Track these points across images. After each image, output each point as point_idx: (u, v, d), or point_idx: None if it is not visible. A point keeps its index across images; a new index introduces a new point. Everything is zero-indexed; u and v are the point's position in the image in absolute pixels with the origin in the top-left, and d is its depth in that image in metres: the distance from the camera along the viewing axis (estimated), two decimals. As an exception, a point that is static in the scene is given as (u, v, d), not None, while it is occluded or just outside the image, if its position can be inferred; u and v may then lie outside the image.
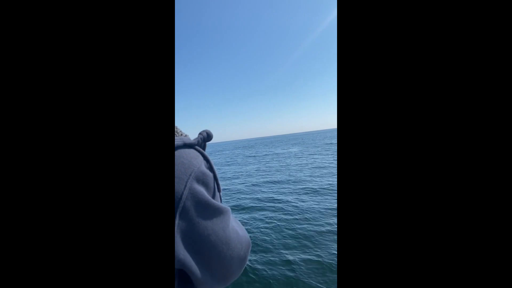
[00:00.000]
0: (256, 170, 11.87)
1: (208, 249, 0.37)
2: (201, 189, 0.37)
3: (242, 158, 20.56)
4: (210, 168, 0.42)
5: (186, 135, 0.45)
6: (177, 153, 0.38)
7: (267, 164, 13.82)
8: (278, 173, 10.37)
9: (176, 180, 0.35)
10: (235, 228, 0.42)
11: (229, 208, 0.42)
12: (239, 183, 8.92)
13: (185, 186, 0.35)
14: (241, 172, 11.91)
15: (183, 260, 0.35)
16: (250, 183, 8.64)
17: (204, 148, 0.46)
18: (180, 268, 0.36)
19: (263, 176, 9.85)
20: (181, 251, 0.34)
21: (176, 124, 0.48)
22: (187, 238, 0.35)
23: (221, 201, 0.44)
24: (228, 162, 18.38)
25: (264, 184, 8.27)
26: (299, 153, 18.60)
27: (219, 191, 0.42)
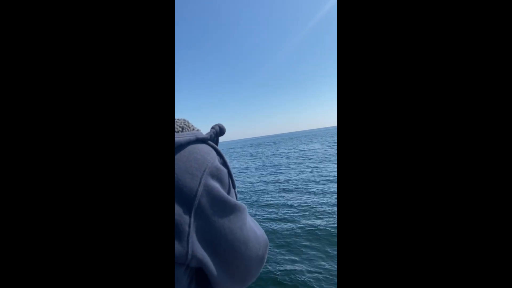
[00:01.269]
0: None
1: (225, 249, 0.35)
2: (216, 185, 0.36)
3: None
4: (224, 163, 0.40)
5: (198, 130, 0.44)
6: (190, 148, 0.37)
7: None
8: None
9: (190, 176, 0.34)
10: (252, 227, 0.41)
11: (245, 206, 0.40)
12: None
13: (200, 182, 0.34)
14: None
15: (202, 260, 0.33)
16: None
17: (217, 143, 0.44)
18: (198, 267, 0.35)
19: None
20: (199, 250, 0.33)
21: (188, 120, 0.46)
22: (204, 237, 0.34)
23: (236, 198, 0.42)
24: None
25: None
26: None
27: (234, 187, 0.41)
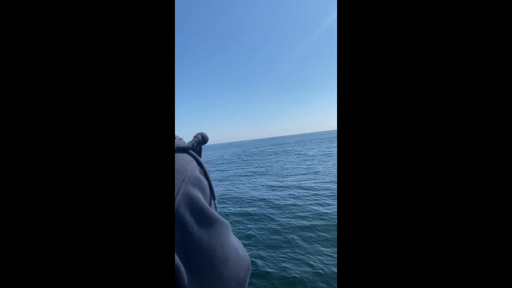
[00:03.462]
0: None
1: (201, 264, 0.33)
2: (197, 195, 0.35)
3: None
4: (205, 174, 0.39)
5: (180, 138, 0.43)
6: None
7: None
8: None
9: None
10: (235, 245, 0.38)
11: (228, 222, 0.39)
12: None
13: (178, 191, 0.33)
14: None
15: (175, 269, 0.32)
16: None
17: (199, 152, 0.43)
18: None
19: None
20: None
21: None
22: (179, 248, 0.33)
23: (216, 210, 0.41)
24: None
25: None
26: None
27: (214, 199, 0.40)
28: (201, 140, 0.42)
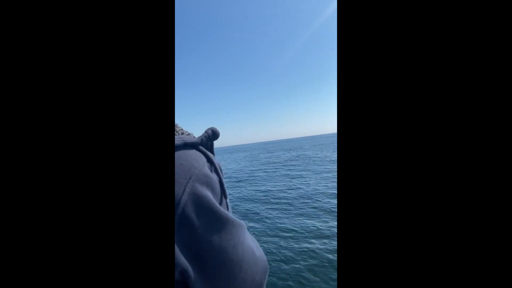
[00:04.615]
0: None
1: (213, 267, 0.31)
2: (206, 193, 0.32)
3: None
4: (216, 170, 0.37)
5: (189, 134, 0.41)
6: (177, 154, 0.34)
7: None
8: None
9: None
10: (250, 246, 0.36)
11: (243, 222, 0.36)
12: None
13: (184, 190, 0.31)
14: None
15: (184, 272, 0.30)
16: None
17: (210, 148, 0.40)
18: (180, 281, 0.31)
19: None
20: (181, 261, 0.30)
21: (184, 125, 0.43)
22: (188, 251, 0.30)
23: (228, 209, 0.38)
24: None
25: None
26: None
27: (225, 197, 0.37)
28: (211, 135, 0.40)
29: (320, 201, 6.14)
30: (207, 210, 0.32)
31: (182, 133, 0.40)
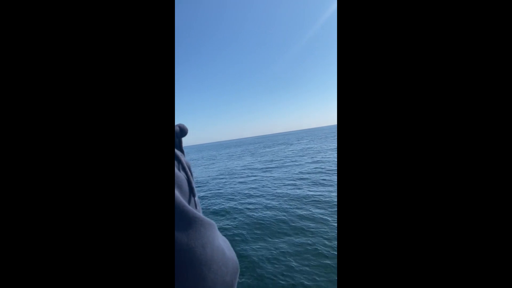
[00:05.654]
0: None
1: (181, 268, 0.30)
2: None
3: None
4: (183, 169, 0.36)
5: None
6: None
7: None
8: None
9: None
10: (221, 246, 0.35)
11: (213, 222, 0.35)
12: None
13: None
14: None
15: None
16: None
17: (179, 145, 0.39)
18: None
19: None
20: None
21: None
22: None
23: (196, 208, 0.37)
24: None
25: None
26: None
27: (193, 196, 0.36)
28: (179, 132, 0.38)
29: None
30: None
31: None
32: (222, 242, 0.37)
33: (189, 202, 0.34)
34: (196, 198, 0.37)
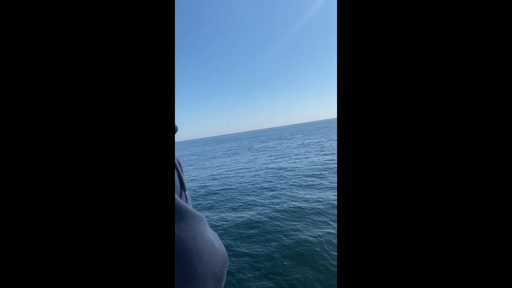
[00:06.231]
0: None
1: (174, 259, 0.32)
2: None
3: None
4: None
5: None
6: None
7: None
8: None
9: None
10: (210, 238, 0.37)
11: (203, 216, 0.37)
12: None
13: None
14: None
15: None
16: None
17: None
18: None
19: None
20: None
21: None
22: None
23: (187, 202, 0.38)
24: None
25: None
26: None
27: (184, 190, 0.37)
28: None
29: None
30: None
31: None
32: (211, 235, 0.38)
33: (180, 196, 0.35)
34: (187, 193, 0.38)
